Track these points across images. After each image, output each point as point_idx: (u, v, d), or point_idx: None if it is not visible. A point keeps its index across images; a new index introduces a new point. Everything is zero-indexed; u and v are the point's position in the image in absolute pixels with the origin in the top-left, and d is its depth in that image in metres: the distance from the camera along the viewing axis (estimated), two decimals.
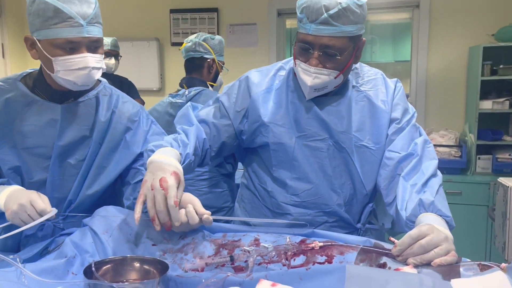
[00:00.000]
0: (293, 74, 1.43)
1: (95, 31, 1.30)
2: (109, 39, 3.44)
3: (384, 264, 1.04)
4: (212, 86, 2.47)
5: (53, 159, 1.39)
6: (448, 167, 3.43)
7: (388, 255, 1.06)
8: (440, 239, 1.02)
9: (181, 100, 2.33)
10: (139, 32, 4.38)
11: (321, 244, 1.12)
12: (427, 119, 3.84)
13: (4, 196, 1.25)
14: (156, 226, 1.14)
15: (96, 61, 1.32)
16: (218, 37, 2.50)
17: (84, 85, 1.35)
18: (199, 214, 1.18)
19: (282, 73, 1.47)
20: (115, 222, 1.24)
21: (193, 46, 2.42)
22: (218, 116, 1.46)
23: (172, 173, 1.17)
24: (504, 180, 2.03)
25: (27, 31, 1.31)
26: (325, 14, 1.23)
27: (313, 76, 1.30)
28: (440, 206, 1.19)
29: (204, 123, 1.45)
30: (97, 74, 1.35)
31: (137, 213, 1.14)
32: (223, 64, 2.54)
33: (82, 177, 1.43)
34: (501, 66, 3.36)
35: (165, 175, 1.16)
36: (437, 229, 1.05)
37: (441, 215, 1.17)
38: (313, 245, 1.11)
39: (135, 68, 4.33)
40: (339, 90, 1.41)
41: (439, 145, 3.50)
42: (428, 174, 1.28)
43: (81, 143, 1.42)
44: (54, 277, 1.04)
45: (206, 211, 1.19)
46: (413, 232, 1.04)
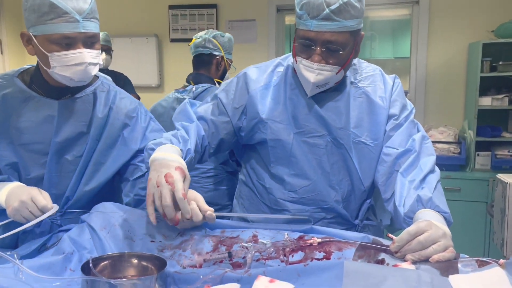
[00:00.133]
0: (293, 71, 1.42)
1: (91, 27, 1.29)
2: (100, 34, 3.42)
3: (382, 260, 1.04)
4: (219, 84, 2.45)
5: (50, 155, 1.38)
6: (447, 163, 3.43)
7: (387, 251, 1.06)
8: (438, 235, 1.02)
9: (187, 96, 2.31)
10: (138, 29, 4.37)
11: (319, 240, 1.12)
12: (426, 115, 3.84)
13: (5, 193, 1.25)
14: (169, 222, 1.15)
15: (93, 57, 1.32)
16: (228, 35, 2.48)
17: (81, 81, 1.34)
18: (203, 211, 1.17)
19: (280, 69, 1.46)
20: (113, 219, 1.24)
21: (202, 42, 2.40)
22: (216, 113, 1.46)
23: (176, 168, 1.16)
24: (503, 176, 2.03)
25: (25, 27, 1.30)
26: (327, 10, 1.23)
27: (316, 73, 1.30)
28: (438, 202, 1.19)
29: (203, 120, 1.45)
30: (94, 70, 1.34)
31: (151, 215, 1.16)
32: (231, 62, 2.51)
33: (79, 174, 1.42)
34: (500, 63, 3.36)
35: (169, 170, 1.15)
36: (435, 225, 1.05)
37: (439, 211, 1.17)
38: (311, 241, 1.11)
39: (133, 64, 4.32)
40: (337, 87, 1.40)
41: (438, 142, 3.50)
42: (426, 170, 1.28)
43: (78, 140, 1.42)
44: (52, 273, 1.04)
45: (209, 208, 1.18)
46: (411, 229, 1.04)
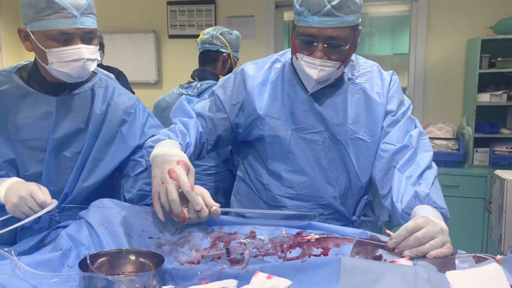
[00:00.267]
0: (291, 67, 1.42)
1: (88, 22, 1.28)
2: None
3: (380, 256, 1.04)
4: None
5: (49, 151, 1.38)
6: (446, 160, 3.43)
7: (384, 247, 1.06)
8: (436, 231, 1.02)
9: (192, 93, 2.31)
10: (136, 25, 4.36)
11: (317, 236, 1.12)
12: (425, 112, 3.83)
13: (4, 188, 1.25)
14: (175, 218, 1.14)
15: (91, 53, 1.31)
16: (236, 33, 2.46)
17: (79, 77, 1.34)
18: (208, 206, 1.17)
19: (278, 65, 1.46)
20: (111, 215, 1.24)
21: (209, 39, 2.38)
22: (213, 109, 1.45)
23: (178, 162, 1.16)
24: (501, 172, 2.03)
25: (22, 23, 1.30)
26: (328, 6, 1.23)
27: (318, 69, 1.30)
28: (435, 198, 1.19)
29: (200, 116, 1.44)
30: (92, 66, 1.34)
31: (159, 212, 1.15)
32: (238, 60, 2.49)
33: (78, 170, 1.42)
34: (499, 59, 3.35)
35: (172, 166, 1.15)
36: (432, 222, 1.05)
37: (436, 207, 1.18)
38: (309, 237, 1.11)
39: (132, 60, 4.31)
40: (335, 83, 1.40)
41: (437, 138, 3.50)
42: (423, 166, 1.28)
43: (77, 136, 1.42)
44: (50, 270, 1.04)
45: (215, 203, 1.18)
46: (409, 225, 1.04)
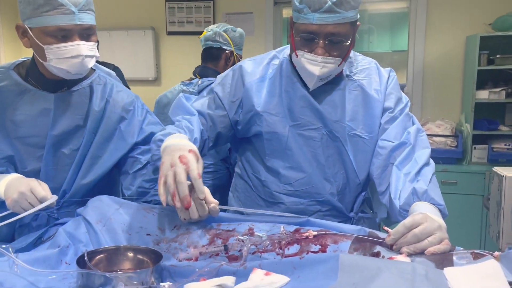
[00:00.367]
0: (290, 65, 1.42)
1: (87, 19, 1.28)
2: None
3: (378, 253, 1.04)
4: None
5: (47, 148, 1.38)
6: (444, 157, 3.43)
7: (382, 244, 1.06)
8: (434, 228, 1.03)
9: (192, 90, 2.30)
10: (134, 21, 4.34)
11: (315, 233, 1.12)
12: (423, 109, 3.83)
13: (4, 184, 1.24)
14: (177, 203, 1.09)
15: (89, 49, 1.31)
16: (240, 30, 2.44)
17: (77, 73, 1.33)
18: (208, 203, 1.17)
19: (276, 62, 1.46)
20: (109, 212, 1.24)
21: (212, 36, 2.37)
22: (213, 107, 1.45)
23: (189, 151, 1.15)
24: (499, 169, 2.03)
25: (20, 19, 1.29)
26: (329, 2, 1.23)
27: (320, 66, 1.30)
28: (433, 195, 1.19)
29: (200, 114, 1.44)
30: (91, 63, 1.34)
31: (162, 195, 1.11)
32: (241, 58, 2.46)
33: (76, 167, 1.42)
34: (498, 56, 3.35)
35: (183, 153, 1.14)
36: (430, 218, 1.05)
37: (434, 204, 1.18)
38: (307, 234, 1.11)
39: (130, 57, 4.30)
40: (333, 79, 1.40)
41: (435, 135, 3.50)
42: (421, 163, 1.28)
43: (75, 133, 1.41)
44: (47, 267, 1.04)
45: (214, 200, 1.18)
46: (407, 221, 1.04)
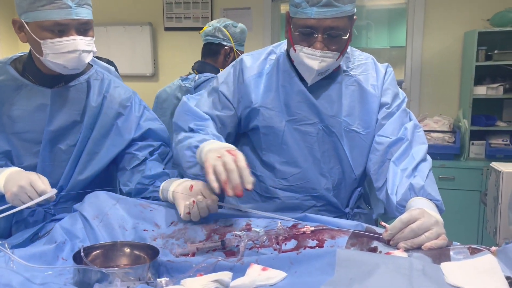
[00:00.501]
0: (287, 59, 1.42)
1: (84, 13, 1.27)
2: None
3: (375, 248, 1.04)
4: None
5: (43, 144, 1.37)
6: (442, 152, 3.44)
7: (379, 239, 1.07)
8: (431, 223, 1.03)
9: (189, 85, 2.28)
10: (132, 17, 4.32)
11: (312, 228, 1.12)
12: (421, 104, 3.83)
13: (3, 178, 1.23)
14: (229, 191, 1.11)
15: (86, 44, 1.30)
16: (241, 26, 2.42)
17: (74, 68, 1.33)
18: (206, 197, 1.18)
19: (273, 57, 1.46)
20: (105, 208, 1.24)
21: (212, 31, 2.35)
22: (219, 107, 1.45)
23: (234, 149, 1.19)
24: (496, 165, 2.03)
25: (17, 13, 1.28)
26: None
27: (319, 60, 1.30)
28: (430, 190, 1.20)
29: (210, 117, 1.44)
30: (88, 58, 1.33)
31: (214, 182, 1.12)
32: (243, 53, 2.44)
33: (73, 163, 1.41)
34: (496, 52, 3.35)
35: (230, 148, 1.18)
36: (427, 213, 1.05)
37: (431, 199, 1.18)
38: (304, 229, 1.12)
39: (128, 53, 4.28)
40: (330, 74, 1.40)
41: (433, 131, 3.50)
42: (418, 158, 1.29)
43: (72, 128, 1.41)
44: (44, 263, 1.04)
45: (212, 196, 1.19)
46: (404, 217, 1.04)
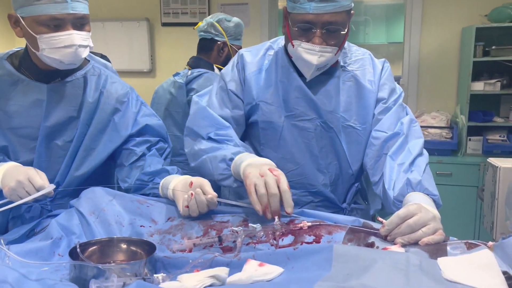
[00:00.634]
0: (285, 55, 1.41)
1: (80, 7, 1.27)
2: None
3: (372, 243, 1.04)
4: (220, 70, 2.35)
5: (40, 140, 1.37)
6: (439, 148, 3.44)
7: (376, 234, 1.06)
8: (428, 218, 1.03)
9: (181, 80, 2.27)
10: (129, 12, 4.30)
11: (310, 224, 1.12)
12: (419, 100, 3.83)
13: (1, 172, 1.23)
14: (268, 214, 1.12)
15: (83, 39, 1.29)
16: (236, 20, 2.38)
17: (71, 63, 1.32)
18: (205, 194, 1.18)
19: (271, 52, 1.46)
20: (102, 203, 1.23)
21: (205, 27, 2.33)
22: (230, 106, 1.44)
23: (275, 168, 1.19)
24: (493, 160, 2.03)
25: (13, 8, 1.27)
26: None
27: (318, 55, 1.30)
28: (427, 185, 1.20)
29: (226, 121, 1.43)
30: (84, 53, 1.32)
31: (257, 204, 1.13)
32: (240, 48, 2.38)
33: (69, 159, 1.41)
34: (493, 47, 3.35)
35: (271, 166, 1.18)
36: (424, 208, 1.05)
37: (428, 194, 1.18)
38: (301, 225, 1.11)
39: (124, 49, 4.26)
40: (328, 70, 1.40)
41: (431, 127, 3.50)
42: (414, 153, 1.29)
43: (68, 124, 1.40)
44: (40, 259, 1.03)
45: (212, 192, 1.19)
46: (401, 212, 1.04)
